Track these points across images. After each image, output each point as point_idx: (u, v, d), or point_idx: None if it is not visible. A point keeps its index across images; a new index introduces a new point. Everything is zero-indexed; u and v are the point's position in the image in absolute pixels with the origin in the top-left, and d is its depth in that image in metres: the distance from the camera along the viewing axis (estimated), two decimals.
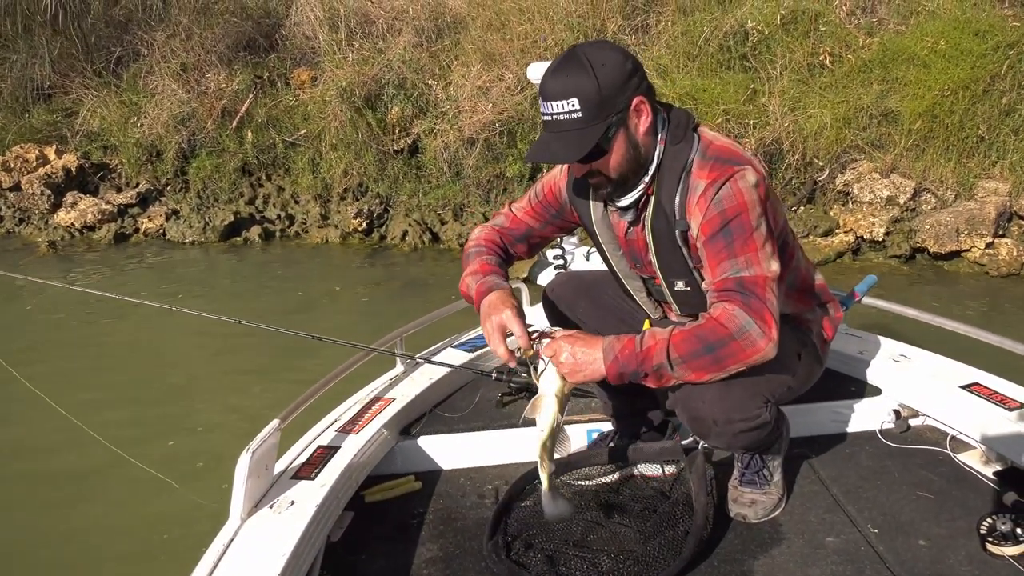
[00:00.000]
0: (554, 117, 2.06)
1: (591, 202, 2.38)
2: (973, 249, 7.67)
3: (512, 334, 2.22)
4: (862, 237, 8.13)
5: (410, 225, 9.49)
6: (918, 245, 7.93)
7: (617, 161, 2.13)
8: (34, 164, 10.74)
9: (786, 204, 8.50)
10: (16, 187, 10.71)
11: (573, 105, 2.02)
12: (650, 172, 2.18)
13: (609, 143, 2.08)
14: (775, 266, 2.09)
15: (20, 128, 11.25)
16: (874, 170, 8.32)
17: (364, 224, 9.63)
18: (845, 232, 8.24)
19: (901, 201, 8.13)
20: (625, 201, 2.26)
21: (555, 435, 2.22)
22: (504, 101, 9.35)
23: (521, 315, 2.25)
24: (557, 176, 2.47)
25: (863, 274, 7.39)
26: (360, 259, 9.17)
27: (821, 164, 8.52)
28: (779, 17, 9.02)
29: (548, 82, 2.06)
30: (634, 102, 2.08)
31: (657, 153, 2.17)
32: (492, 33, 9.97)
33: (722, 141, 2.18)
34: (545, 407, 2.18)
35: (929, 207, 8.12)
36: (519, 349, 2.24)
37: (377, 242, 9.65)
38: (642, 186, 2.21)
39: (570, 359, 2.11)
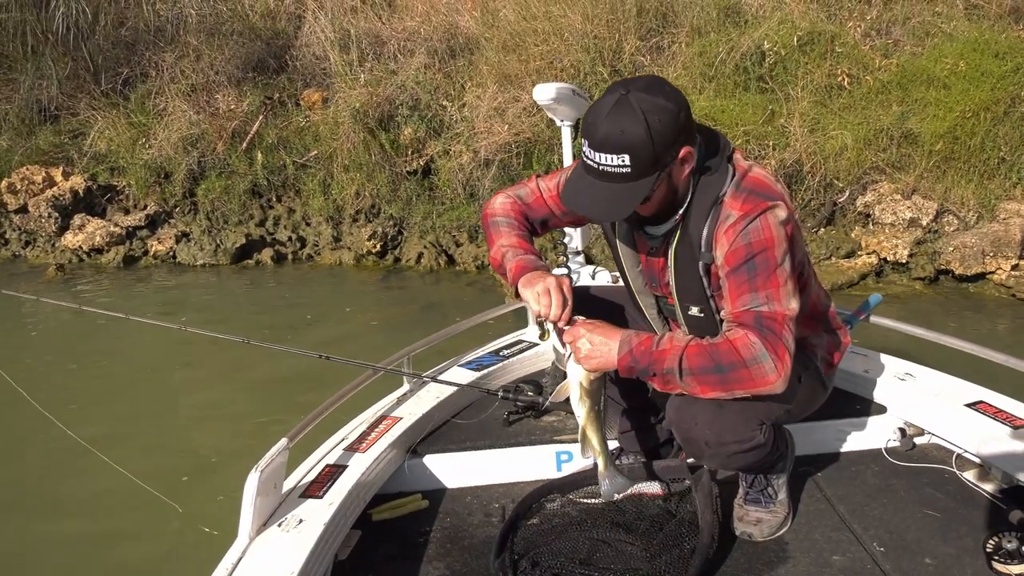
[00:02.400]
0: (600, 167, 2.06)
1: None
2: (999, 271, 7.72)
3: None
4: (885, 259, 8.20)
5: (425, 247, 9.58)
6: (943, 267, 7.99)
7: (654, 205, 2.18)
8: (40, 186, 10.88)
9: (806, 226, 8.59)
10: (23, 209, 10.85)
11: (624, 161, 2.01)
12: (683, 206, 2.23)
13: (652, 192, 2.11)
14: (795, 304, 2.15)
15: (26, 150, 11.37)
16: (895, 191, 8.41)
17: (378, 246, 9.74)
18: (868, 254, 8.30)
19: (924, 223, 8.22)
20: (656, 232, 2.32)
21: (598, 418, 2.34)
22: (521, 122, 9.46)
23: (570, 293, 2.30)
24: None
25: (887, 297, 7.49)
26: (375, 281, 9.27)
27: (841, 185, 8.61)
28: (796, 38, 9.14)
29: (599, 130, 2.04)
30: (682, 153, 2.09)
31: (691, 186, 2.21)
32: (507, 54, 10.09)
33: (756, 172, 2.21)
34: (572, 393, 2.30)
35: (952, 229, 8.20)
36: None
37: (391, 264, 9.76)
38: (674, 219, 2.26)
39: (587, 345, 2.19)
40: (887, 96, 8.80)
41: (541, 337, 3.82)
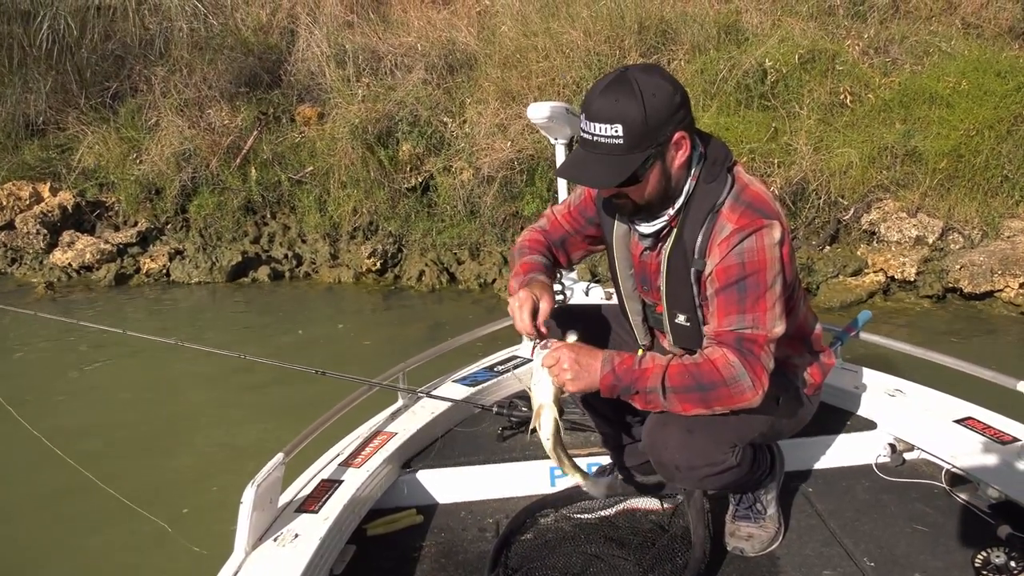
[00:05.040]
0: (594, 138, 2.15)
1: (616, 216, 2.51)
2: (1007, 289, 7.88)
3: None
4: (893, 277, 8.34)
5: (426, 265, 9.62)
6: (950, 285, 8.13)
7: (647, 190, 2.25)
8: (27, 202, 10.90)
9: (811, 243, 8.72)
10: (9, 225, 10.83)
11: (616, 131, 2.11)
12: (676, 205, 2.31)
13: (644, 172, 2.18)
14: (779, 328, 2.25)
15: (12, 165, 11.35)
16: (900, 209, 8.57)
17: (378, 264, 9.80)
18: (875, 272, 8.44)
19: (930, 240, 8.39)
20: (647, 229, 2.39)
21: (560, 436, 2.35)
22: (523, 139, 9.55)
23: (535, 300, 2.37)
24: None
25: (896, 315, 7.61)
26: (375, 300, 9.32)
27: (846, 203, 8.76)
28: (797, 56, 9.34)
29: (596, 101, 2.14)
30: (676, 136, 2.17)
31: (687, 188, 2.29)
32: (508, 70, 10.23)
33: (756, 187, 2.31)
34: (544, 416, 2.32)
35: (957, 247, 8.38)
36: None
37: (392, 282, 9.81)
38: (666, 217, 2.34)
39: (574, 366, 2.23)
40: (889, 114, 9.00)
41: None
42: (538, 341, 2.36)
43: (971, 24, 10.11)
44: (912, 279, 8.25)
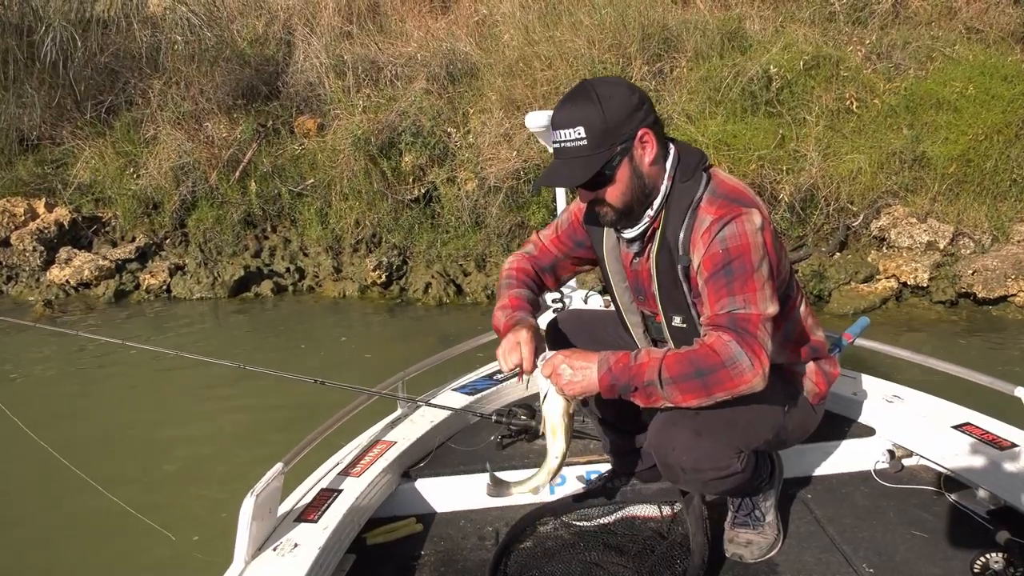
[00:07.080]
0: (562, 145, 2.33)
1: (604, 230, 2.64)
2: (1020, 293, 8.00)
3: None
4: (905, 283, 8.43)
5: (433, 277, 9.69)
6: (964, 290, 8.24)
7: (621, 190, 2.38)
8: (22, 218, 10.96)
9: (820, 250, 8.80)
10: (4, 243, 10.89)
11: (579, 133, 2.29)
12: (655, 206, 2.43)
13: (613, 171, 2.33)
14: (771, 308, 2.32)
15: (6, 181, 11.39)
16: (910, 214, 8.66)
17: (383, 277, 9.87)
18: (887, 278, 8.54)
19: (941, 246, 8.48)
20: (631, 233, 2.50)
21: (563, 459, 2.46)
22: (529, 148, 9.64)
23: (536, 340, 2.49)
24: (580, 203, 2.67)
25: (912, 322, 7.68)
26: (381, 314, 9.39)
27: (855, 209, 8.84)
28: (801, 63, 9.45)
29: (558, 112, 2.34)
30: (639, 133, 2.33)
31: (664, 188, 2.41)
32: (512, 79, 10.32)
33: (733, 182, 2.44)
34: (557, 431, 2.42)
35: (968, 252, 8.47)
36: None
37: (398, 295, 9.88)
38: (647, 219, 2.45)
39: (567, 370, 2.33)
40: (896, 119, 9.11)
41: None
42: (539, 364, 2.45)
43: (973, 29, 10.23)
44: (925, 284, 8.35)
